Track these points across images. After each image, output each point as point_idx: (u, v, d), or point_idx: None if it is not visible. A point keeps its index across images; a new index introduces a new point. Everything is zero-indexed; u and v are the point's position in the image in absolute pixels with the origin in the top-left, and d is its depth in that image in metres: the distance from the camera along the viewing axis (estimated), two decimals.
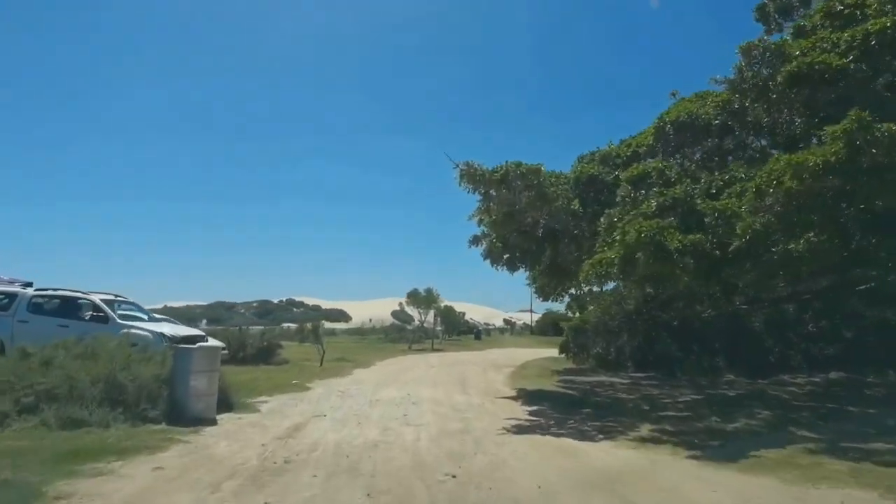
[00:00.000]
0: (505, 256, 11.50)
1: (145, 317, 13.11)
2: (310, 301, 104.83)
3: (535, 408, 9.39)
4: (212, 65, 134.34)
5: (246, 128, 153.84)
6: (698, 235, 7.35)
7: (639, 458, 5.97)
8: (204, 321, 51.05)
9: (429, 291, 31.94)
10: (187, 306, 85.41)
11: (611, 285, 17.26)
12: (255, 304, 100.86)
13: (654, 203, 7.92)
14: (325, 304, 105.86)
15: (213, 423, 7.31)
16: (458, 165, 9.11)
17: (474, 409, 8.96)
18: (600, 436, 7.11)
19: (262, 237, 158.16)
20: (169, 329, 12.04)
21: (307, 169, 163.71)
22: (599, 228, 8.59)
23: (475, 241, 11.89)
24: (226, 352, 15.35)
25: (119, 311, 12.71)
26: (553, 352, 24.87)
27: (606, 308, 18.04)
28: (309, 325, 18.39)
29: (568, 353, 18.72)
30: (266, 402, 9.24)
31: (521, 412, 8.91)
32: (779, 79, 7.72)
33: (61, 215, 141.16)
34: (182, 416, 7.35)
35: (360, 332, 46.63)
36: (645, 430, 7.51)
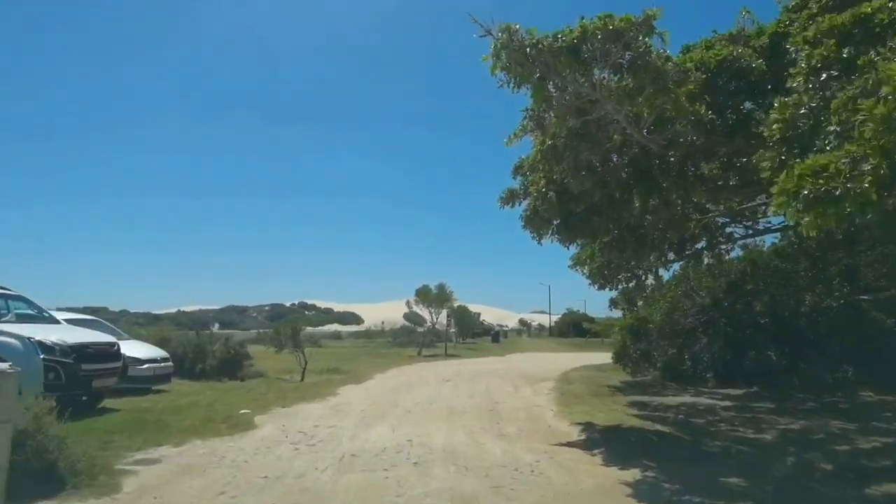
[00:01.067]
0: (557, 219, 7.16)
1: (38, 315, 9.23)
2: (322, 304, 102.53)
3: (632, 472, 5.20)
4: (219, 56, 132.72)
5: (249, 125, 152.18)
6: None
7: None
8: (216, 325, 49.14)
9: (440, 288, 27.68)
10: (200, 310, 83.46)
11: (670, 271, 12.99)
12: (267, 308, 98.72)
13: None
14: (338, 307, 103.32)
15: None
16: (489, 32, 4.98)
17: (526, 482, 4.79)
18: None
19: (274, 240, 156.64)
20: (58, 335, 8.11)
21: (320, 166, 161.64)
22: (773, 128, 4.37)
23: (509, 198, 7.63)
24: (169, 364, 11.54)
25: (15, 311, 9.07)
26: (585, 356, 20.85)
27: (675, 302, 13.74)
28: (288, 330, 14.30)
29: (626, 362, 14.36)
30: (157, 461, 5.22)
31: (615, 489, 4.72)
32: None
33: (69, 217, 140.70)
34: None
35: (368, 335, 43.05)
36: None
